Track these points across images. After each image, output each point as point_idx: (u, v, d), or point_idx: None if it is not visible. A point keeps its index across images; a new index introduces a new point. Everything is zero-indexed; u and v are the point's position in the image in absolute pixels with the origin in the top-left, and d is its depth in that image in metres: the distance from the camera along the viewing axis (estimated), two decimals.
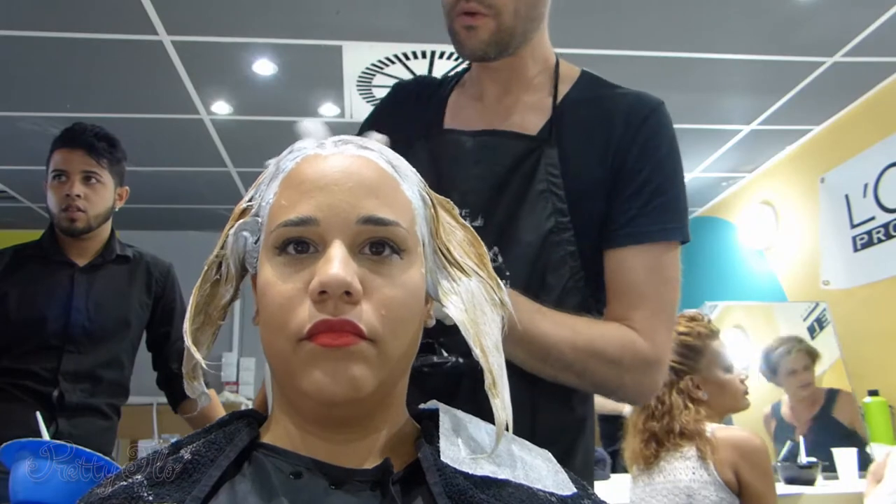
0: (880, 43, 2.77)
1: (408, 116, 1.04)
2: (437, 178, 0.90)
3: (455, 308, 0.62)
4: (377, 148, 0.63)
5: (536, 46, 0.96)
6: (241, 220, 0.63)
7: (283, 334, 0.55)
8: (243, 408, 0.70)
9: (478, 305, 0.62)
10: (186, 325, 0.61)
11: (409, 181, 0.63)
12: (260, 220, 0.62)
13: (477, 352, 0.60)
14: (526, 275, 0.87)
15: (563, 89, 0.96)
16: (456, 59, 2.79)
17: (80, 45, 2.61)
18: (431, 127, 1.00)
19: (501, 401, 0.59)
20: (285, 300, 0.55)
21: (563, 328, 0.80)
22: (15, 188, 4.19)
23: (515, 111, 0.96)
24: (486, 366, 0.59)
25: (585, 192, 0.89)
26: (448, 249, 0.64)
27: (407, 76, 2.96)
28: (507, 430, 0.58)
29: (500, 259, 0.88)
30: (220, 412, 1.81)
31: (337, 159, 0.60)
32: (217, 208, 4.52)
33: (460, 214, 0.70)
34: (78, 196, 1.71)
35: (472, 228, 0.68)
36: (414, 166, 0.68)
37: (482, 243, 0.67)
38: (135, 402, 2.03)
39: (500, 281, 0.65)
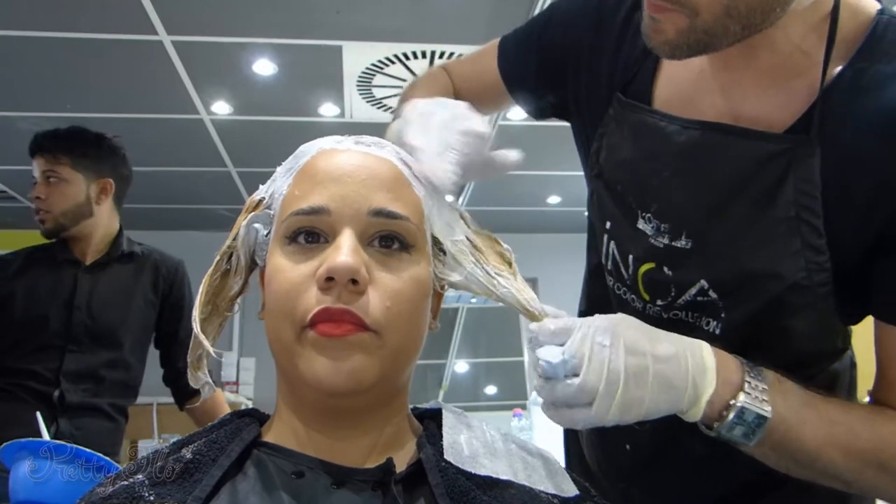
0: None
1: (607, 52, 0.77)
2: (629, 175, 0.73)
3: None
4: (393, 147, 0.64)
5: None
6: (253, 213, 0.64)
7: (287, 320, 0.55)
8: (243, 408, 0.70)
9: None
10: (195, 314, 0.62)
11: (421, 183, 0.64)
12: (272, 213, 0.63)
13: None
14: (753, 317, 0.67)
15: (843, 53, 0.61)
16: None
17: (80, 45, 2.61)
18: (626, 86, 0.74)
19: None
20: (292, 286, 0.55)
21: (835, 430, 0.62)
22: (15, 188, 4.18)
23: (755, 88, 0.65)
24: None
25: (856, 226, 0.61)
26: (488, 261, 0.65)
27: (407, 76, 2.95)
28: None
29: (711, 294, 0.68)
30: (226, 410, 1.81)
31: (351, 154, 0.61)
32: (217, 208, 4.52)
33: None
34: (38, 198, 1.74)
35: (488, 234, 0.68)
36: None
37: (490, 234, 0.67)
38: (135, 401, 2.03)
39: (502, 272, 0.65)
